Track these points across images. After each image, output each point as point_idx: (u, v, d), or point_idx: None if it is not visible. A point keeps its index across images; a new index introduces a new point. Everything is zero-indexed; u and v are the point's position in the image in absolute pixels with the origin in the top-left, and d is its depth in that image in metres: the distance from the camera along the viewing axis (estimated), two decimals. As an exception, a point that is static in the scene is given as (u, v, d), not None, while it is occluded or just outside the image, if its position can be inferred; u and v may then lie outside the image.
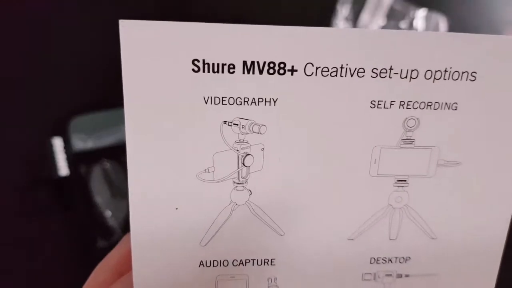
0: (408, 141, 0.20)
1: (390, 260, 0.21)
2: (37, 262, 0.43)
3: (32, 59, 0.44)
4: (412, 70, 0.18)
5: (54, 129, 0.43)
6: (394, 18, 0.43)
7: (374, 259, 0.21)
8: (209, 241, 0.20)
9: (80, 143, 0.43)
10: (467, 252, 0.21)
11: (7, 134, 0.43)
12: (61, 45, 0.44)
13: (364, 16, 0.43)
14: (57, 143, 0.43)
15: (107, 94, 0.40)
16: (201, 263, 0.20)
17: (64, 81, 0.44)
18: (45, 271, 0.43)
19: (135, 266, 0.19)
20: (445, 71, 0.19)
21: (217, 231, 0.20)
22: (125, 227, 0.44)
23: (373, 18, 0.43)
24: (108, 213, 0.43)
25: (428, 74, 0.19)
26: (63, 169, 0.44)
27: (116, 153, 0.43)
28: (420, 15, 0.43)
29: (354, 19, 0.44)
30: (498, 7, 0.48)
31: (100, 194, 0.43)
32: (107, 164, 0.44)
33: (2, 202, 0.43)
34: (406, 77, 0.19)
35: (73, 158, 0.43)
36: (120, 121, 0.40)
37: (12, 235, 0.43)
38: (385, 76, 0.18)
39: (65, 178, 0.43)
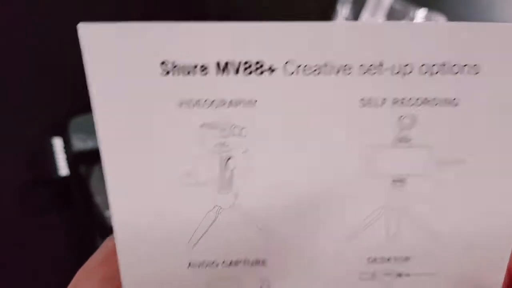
0: (404, 139, 0.19)
1: (389, 260, 0.21)
2: (37, 262, 0.43)
3: (33, 58, 0.44)
4: (405, 65, 0.17)
5: (54, 129, 0.44)
6: (394, 18, 0.43)
7: (372, 258, 0.21)
8: (197, 242, 0.19)
9: (80, 143, 0.43)
10: (470, 251, 0.21)
11: (7, 134, 0.43)
12: (61, 45, 0.44)
13: (364, 16, 0.43)
14: (57, 143, 0.44)
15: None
16: (190, 264, 0.20)
17: (64, 81, 0.44)
18: (45, 271, 0.43)
19: (123, 270, 0.19)
20: (443, 65, 0.17)
21: (204, 233, 0.19)
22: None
23: (373, 18, 0.43)
24: (108, 213, 0.43)
25: (424, 69, 0.17)
26: (63, 169, 0.44)
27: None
28: (420, 15, 0.43)
29: (354, 19, 0.44)
30: (498, 7, 0.48)
31: (100, 194, 0.43)
32: (107, 164, 0.44)
33: (2, 202, 0.43)
34: (398, 72, 0.17)
35: (73, 158, 0.43)
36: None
37: (12, 235, 0.43)
38: (375, 73, 0.17)
39: (65, 178, 0.43)
